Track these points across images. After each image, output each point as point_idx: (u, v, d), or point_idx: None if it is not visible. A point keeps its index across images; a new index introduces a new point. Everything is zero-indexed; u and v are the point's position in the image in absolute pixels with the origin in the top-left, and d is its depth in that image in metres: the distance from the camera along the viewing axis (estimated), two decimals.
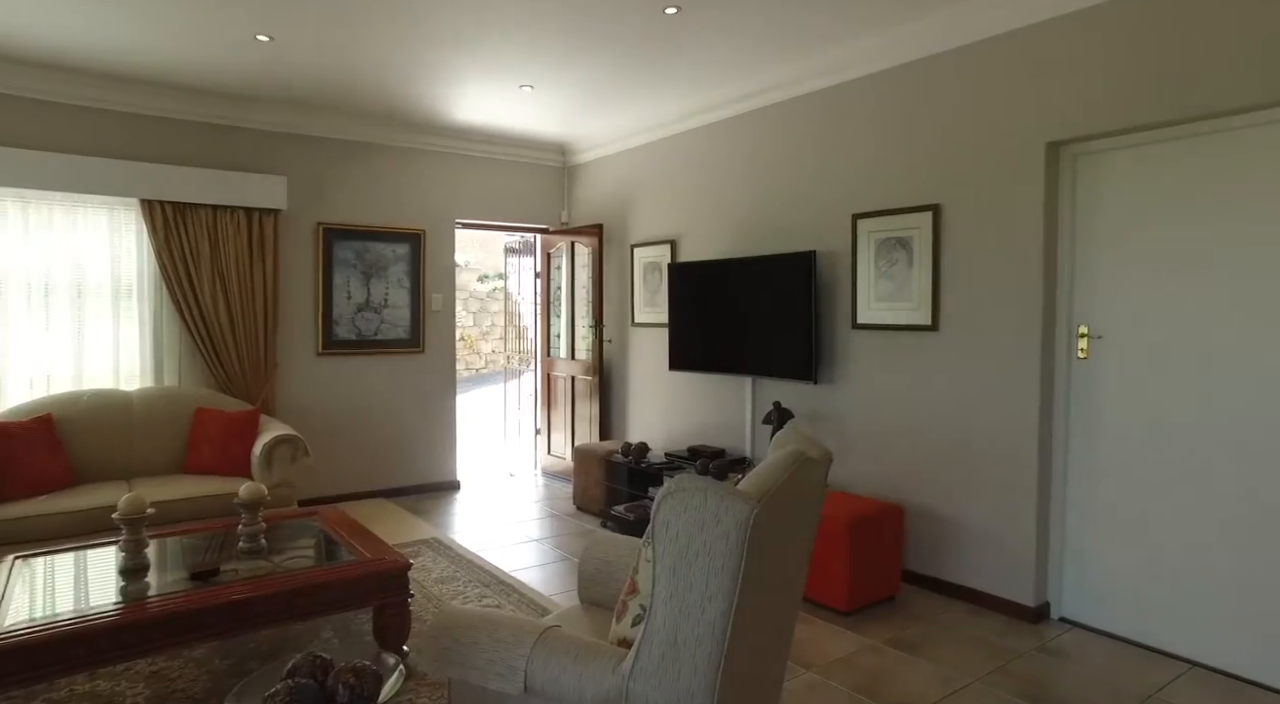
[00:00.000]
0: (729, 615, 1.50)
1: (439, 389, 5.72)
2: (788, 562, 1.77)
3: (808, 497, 1.81)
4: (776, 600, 1.78)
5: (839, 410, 4.00)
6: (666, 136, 5.18)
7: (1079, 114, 3.04)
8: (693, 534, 1.49)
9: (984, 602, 3.37)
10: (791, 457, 1.70)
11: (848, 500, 3.51)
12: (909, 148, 3.64)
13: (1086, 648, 2.99)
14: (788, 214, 4.29)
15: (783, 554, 1.72)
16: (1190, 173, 2.85)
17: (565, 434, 6.12)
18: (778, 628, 1.86)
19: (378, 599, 2.59)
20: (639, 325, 5.49)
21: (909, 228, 3.62)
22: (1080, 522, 3.19)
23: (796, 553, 1.83)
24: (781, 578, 1.76)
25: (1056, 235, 3.21)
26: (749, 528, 1.47)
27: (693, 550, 1.49)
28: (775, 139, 4.36)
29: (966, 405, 3.43)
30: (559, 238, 6.18)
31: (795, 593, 1.92)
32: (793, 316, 4.03)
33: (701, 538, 1.48)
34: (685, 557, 1.50)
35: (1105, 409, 3.11)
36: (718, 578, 1.48)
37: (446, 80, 4.39)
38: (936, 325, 3.52)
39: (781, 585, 1.78)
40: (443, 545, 4.26)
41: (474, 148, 5.78)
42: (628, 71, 4.22)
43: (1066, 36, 3.06)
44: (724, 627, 1.50)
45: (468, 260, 13.22)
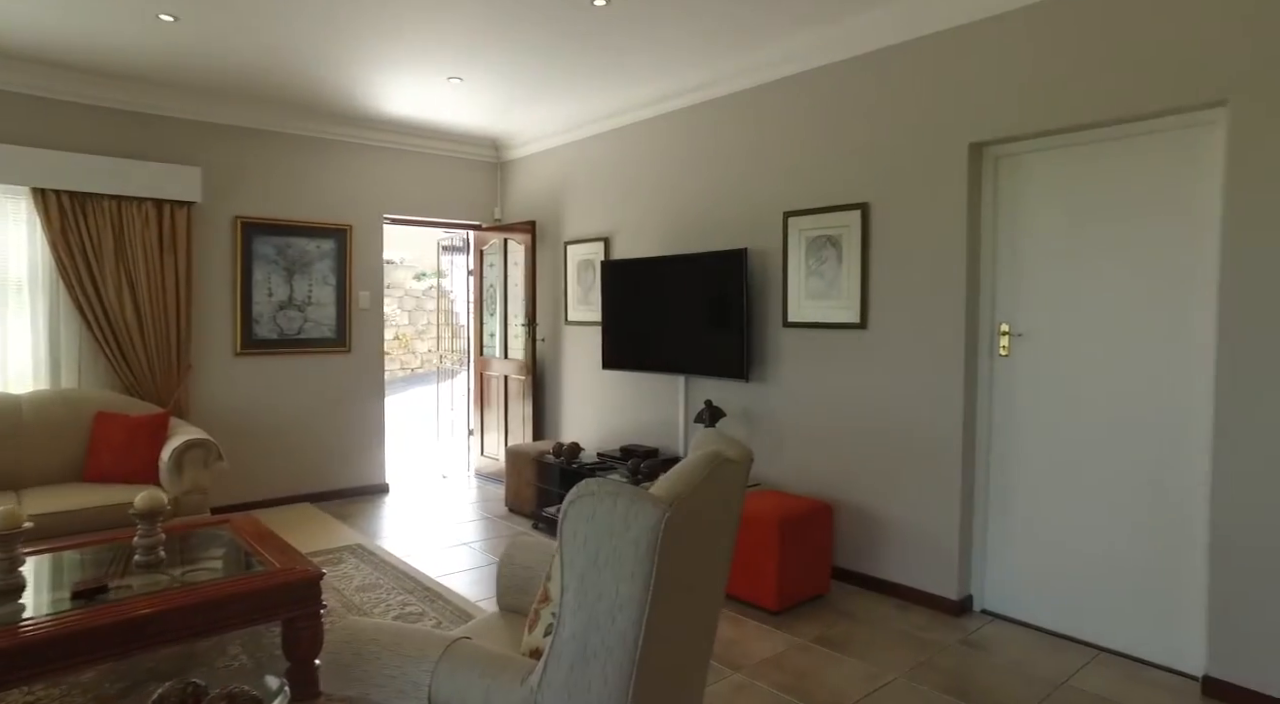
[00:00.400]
0: (640, 624, 1.44)
1: (367, 389, 5.53)
2: (705, 565, 1.73)
3: (726, 498, 1.78)
4: (695, 605, 1.73)
5: (771, 409, 4.00)
6: (600, 132, 5.12)
7: (999, 116, 3.09)
8: (601, 541, 1.43)
9: (910, 597, 3.42)
10: (708, 458, 1.65)
11: (779, 499, 3.51)
12: (839, 146, 3.67)
13: (1005, 639, 3.05)
14: (720, 211, 4.27)
15: (700, 557, 1.67)
16: (1100, 176, 2.93)
17: (499, 435, 6.00)
18: (697, 632, 1.82)
19: (287, 612, 2.45)
20: (573, 324, 5.41)
21: (838, 226, 3.64)
22: (1001, 516, 3.26)
23: (715, 555, 1.79)
24: (699, 582, 1.71)
25: (979, 235, 3.26)
26: (660, 533, 1.41)
27: (602, 558, 1.43)
28: (708, 136, 4.34)
29: (894, 403, 3.47)
30: (492, 234, 6.05)
31: (715, 596, 1.88)
32: (725, 315, 4.01)
33: (610, 544, 1.42)
34: (594, 564, 1.44)
35: (1025, 406, 3.18)
36: (628, 585, 1.42)
37: (371, 70, 4.22)
38: (865, 323, 3.55)
39: (700, 589, 1.73)
40: (367, 551, 4.10)
41: (404, 141, 5.61)
42: (559, 66, 4.14)
43: (987, 40, 3.12)
44: (635, 635, 1.44)
45: (403, 257, 12.90)
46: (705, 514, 1.65)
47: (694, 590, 1.70)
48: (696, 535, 1.62)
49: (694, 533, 1.60)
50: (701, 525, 1.64)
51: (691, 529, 1.56)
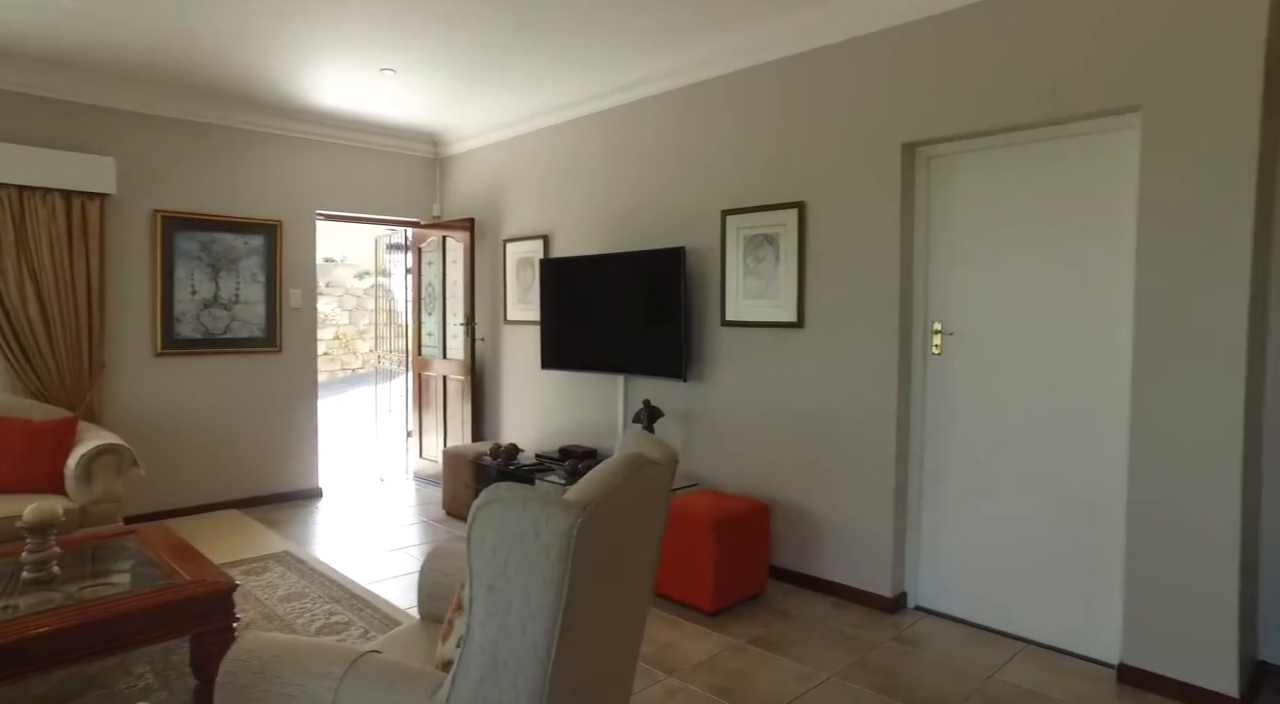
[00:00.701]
0: (554, 633, 1.38)
1: (299, 391, 5.33)
2: (628, 569, 1.68)
3: (649, 500, 1.73)
4: (617, 609, 1.68)
5: (709, 408, 3.99)
6: (539, 129, 5.03)
7: (930, 117, 3.13)
8: (511, 548, 1.37)
9: (846, 595, 3.43)
10: (627, 460, 1.61)
11: (715, 499, 3.49)
12: (776, 145, 3.66)
13: (937, 634, 3.09)
14: (660, 209, 4.24)
15: (621, 561, 1.63)
16: (1027, 177, 2.99)
17: (438, 436, 5.87)
18: (622, 638, 1.77)
19: (195, 627, 2.31)
20: (512, 323, 5.31)
21: (776, 225, 3.64)
22: (934, 513, 3.30)
23: (639, 559, 1.75)
24: (621, 586, 1.67)
25: (913, 234, 3.30)
26: (572, 539, 1.36)
27: (511, 566, 1.37)
28: (647, 133, 4.30)
29: (831, 402, 3.48)
30: (430, 232, 5.91)
31: (641, 599, 1.84)
32: (663, 314, 3.98)
33: (520, 552, 1.36)
34: (504, 573, 1.37)
35: (956, 404, 3.22)
36: (539, 594, 1.36)
37: (298, 60, 4.06)
38: (802, 322, 3.56)
39: (622, 593, 1.68)
40: (295, 559, 3.94)
41: (338, 135, 5.42)
42: (496, 60, 4.04)
43: (919, 41, 3.15)
44: (548, 645, 1.39)
45: (344, 256, 12.55)
46: (625, 517, 1.60)
47: (615, 595, 1.65)
48: (616, 539, 1.57)
49: (613, 537, 1.55)
50: (621, 529, 1.59)
51: (609, 533, 1.51)
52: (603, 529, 1.47)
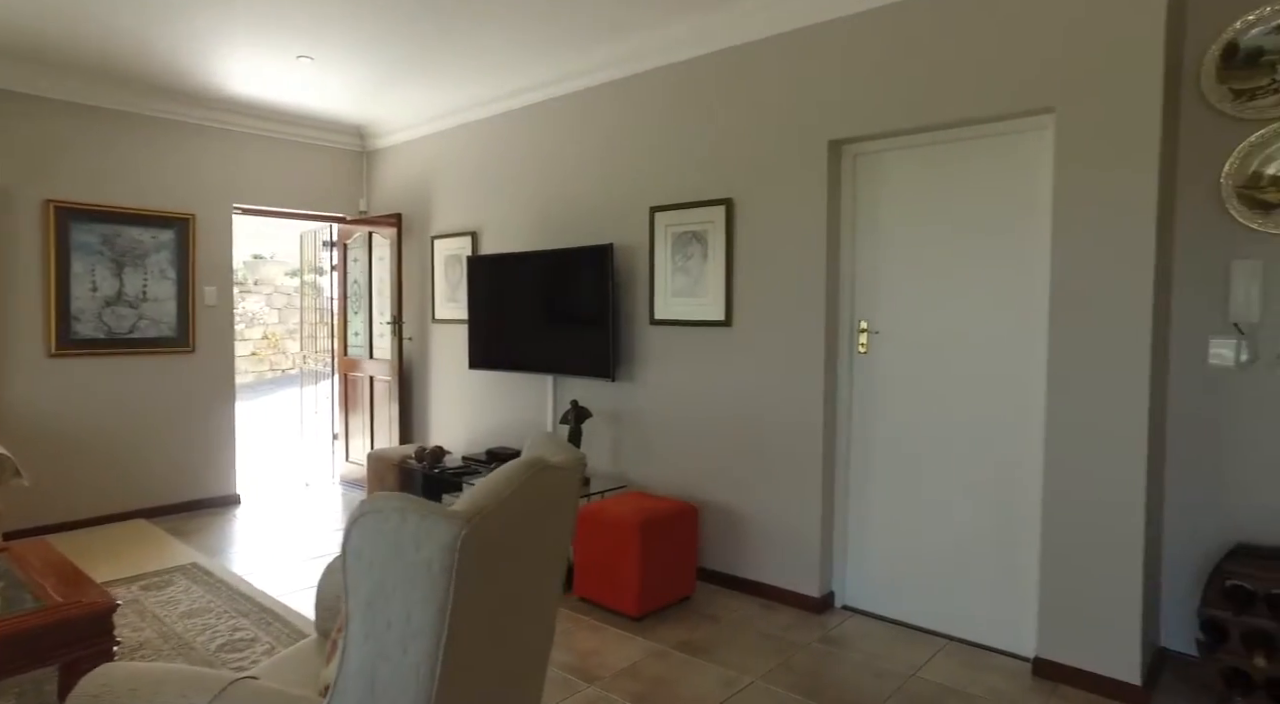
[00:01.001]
0: (437, 655, 1.28)
1: (214, 392, 5.06)
2: (528, 579, 1.59)
3: (551, 505, 1.64)
4: (516, 622, 1.59)
5: (638, 408, 3.92)
6: (468, 122, 4.89)
7: (855, 114, 3.12)
8: (389, 563, 1.26)
9: (774, 595, 3.41)
10: (523, 466, 1.51)
11: (643, 501, 3.42)
12: (704, 141, 3.62)
13: (863, 634, 3.08)
14: (589, 205, 4.15)
15: (518, 571, 1.53)
16: (948, 175, 3.00)
17: (365, 439, 5.66)
18: (522, 652, 1.68)
19: (66, 654, 2.12)
20: (440, 322, 5.15)
21: (704, 222, 3.59)
22: (860, 512, 3.30)
23: (541, 567, 1.66)
24: (520, 598, 1.57)
25: (839, 232, 3.29)
26: (456, 553, 1.26)
27: (390, 582, 1.27)
28: (577, 127, 4.21)
29: (759, 402, 3.45)
30: (356, 228, 5.69)
31: (545, 609, 1.75)
32: (591, 312, 3.89)
33: (399, 567, 1.26)
34: (382, 590, 1.27)
35: (882, 403, 3.23)
36: (421, 612, 1.26)
37: (208, 42, 3.83)
38: (730, 321, 3.52)
39: (522, 605, 1.59)
40: (202, 571, 3.72)
41: (257, 125, 5.17)
42: (422, 51, 3.89)
43: (844, 38, 3.14)
44: (432, 667, 1.29)
45: (274, 252, 12.09)
46: (522, 525, 1.51)
47: (514, 606, 1.55)
48: (511, 548, 1.48)
49: (507, 547, 1.45)
50: (518, 537, 1.50)
51: (502, 543, 1.42)
52: (494, 539, 1.38)
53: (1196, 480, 2.71)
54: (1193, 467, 2.72)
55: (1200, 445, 2.70)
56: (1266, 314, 2.56)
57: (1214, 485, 2.68)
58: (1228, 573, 2.46)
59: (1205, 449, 2.69)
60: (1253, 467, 2.60)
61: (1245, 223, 2.56)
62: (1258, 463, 2.59)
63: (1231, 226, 2.60)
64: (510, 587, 1.52)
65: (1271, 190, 2.51)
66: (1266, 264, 2.55)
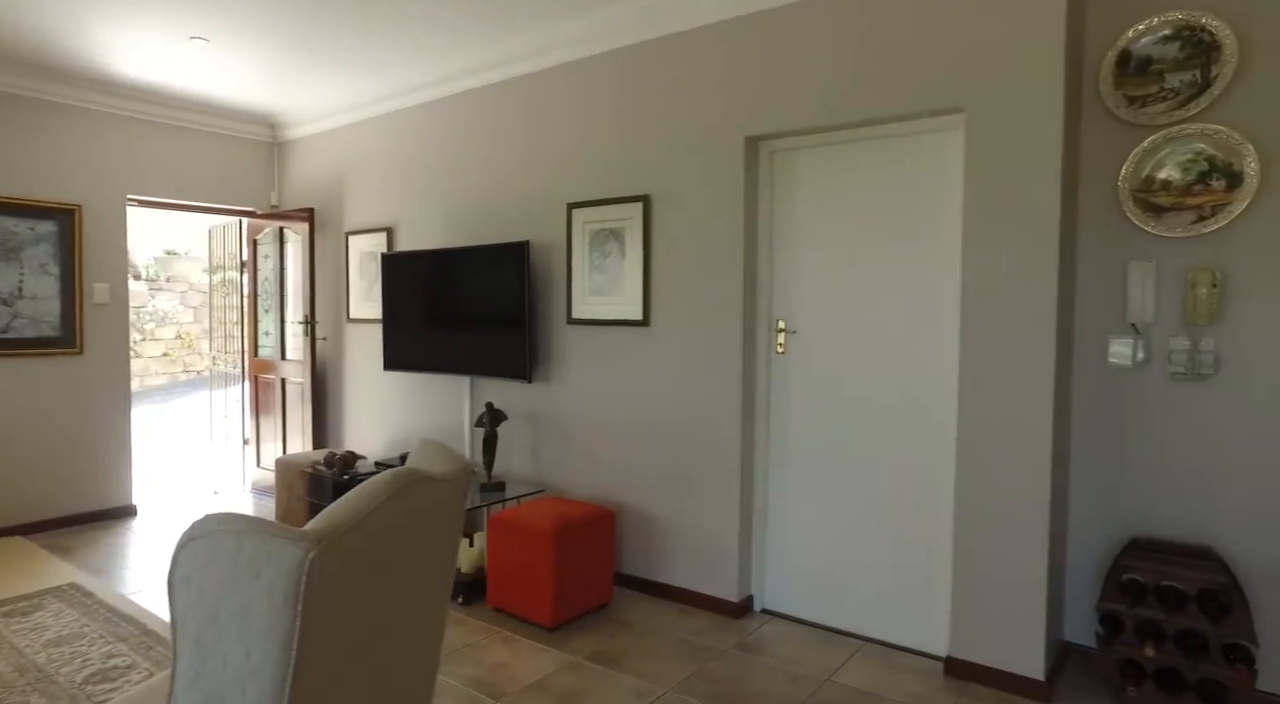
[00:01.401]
0: (283, 693, 1.16)
1: (107, 397, 4.73)
2: (403, 600, 1.47)
3: (429, 519, 1.53)
4: (389, 648, 1.47)
5: (556, 410, 3.81)
6: (382, 114, 4.69)
7: (770, 110, 3.08)
8: (224, 593, 1.13)
9: (694, 601, 3.35)
10: (392, 479, 1.40)
11: (558, 507, 3.32)
12: (621, 136, 3.54)
13: (780, 638, 3.05)
14: (507, 202, 4.02)
15: (390, 593, 1.42)
16: (863, 174, 3.00)
17: (278, 444, 5.39)
18: (400, 677, 1.56)
19: None
20: (356, 321, 4.94)
21: (621, 219, 3.51)
22: (779, 514, 3.27)
23: (419, 586, 1.54)
24: (393, 620, 1.46)
25: (756, 230, 3.25)
26: (303, 579, 1.14)
27: (225, 614, 1.14)
28: (494, 121, 4.07)
29: (677, 403, 3.39)
30: (266, 222, 5.41)
31: (426, 630, 1.63)
32: (507, 311, 3.77)
33: (236, 597, 1.13)
34: (215, 622, 1.14)
35: (799, 403, 3.20)
36: (262, 646, 1.14)
37: (84, 17, 3.55)
38: (648, 320, 3.44)
39: (394, 629, 1.47)
40: (81, 592, 3.44)
41: (154, 112, 4.85)
42: (326, 36, 3.69)
43: (760, 32, 3.10)
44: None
45: (188, 248, 11.50)
46: (393, 542, 1.39)
47: (385, 631, 1.44)
48: (379, 569, 1.36)
49: (374, 567, 1.34)
50: (388, 555, 1.39)
51: (367, 564, 1.30)
52: (354, 560, 1.26)
53: (1099, 478, 2.77)
54: (1096, 464, 2.77)
55: (1102, 444, 2.76)
56: (1160, 314, 2.62)
57: (1114, 482, 2.74)
58: (1124, 567, 2.51)
59: (1106, 447, 2.75)
60: (1148, 463, 2.67)
61: (1140, 225, 2.62)
62: (1152, 459, 2.66)
63: (1129, 229, 2.66)
64: (380, 609, 1.40)
65: (1162, 194, 2.57)
66: (1159, 266, 2.61)
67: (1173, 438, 2.62)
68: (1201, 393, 2.57)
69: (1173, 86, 2.54)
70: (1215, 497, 2.55)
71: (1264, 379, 2.46)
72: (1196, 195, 2.52)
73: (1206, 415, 2.56)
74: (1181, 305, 2.58)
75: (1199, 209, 2.52)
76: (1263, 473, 2.47)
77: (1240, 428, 2.50)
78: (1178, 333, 2.59)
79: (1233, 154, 2.45)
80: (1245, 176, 2.43)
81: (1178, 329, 2.59)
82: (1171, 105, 2.54)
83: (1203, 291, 2.51)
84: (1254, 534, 2.49)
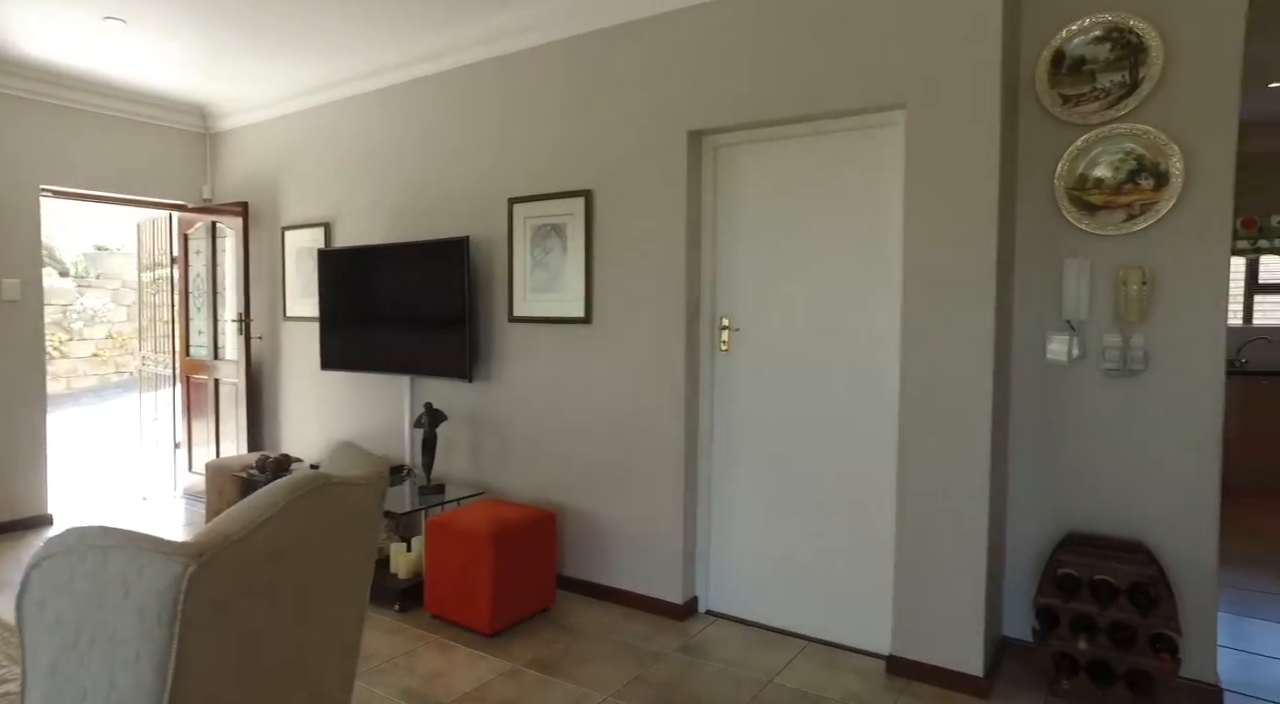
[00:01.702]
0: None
1: (17, 399, 4.46)
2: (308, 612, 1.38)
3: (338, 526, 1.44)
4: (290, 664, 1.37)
5: (498, 410, 3.72)
6: (320, 105, 4.52)
7: (714, 105, 3.04)
8: (85, 616, 1.03)
9: (638, 603, 3.29)
10: (294, 485, 1.30)
11: (498, 509, 3.23)
12: (563, 129, 3.45)
13: (724, 640, 3.01)
14: (447, 197, 3.91)
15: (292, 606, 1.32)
16: (807, 169, 2.97)
17: (211, 447, 5.17)
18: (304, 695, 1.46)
19: None
20: (293, 319, 4.76)
21: (563, 214, 3.43)
22: (723, 513, 3.23)
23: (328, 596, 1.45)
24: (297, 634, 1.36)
25: (700, 225, 3.20)
26: (180, 595, 1.04)
27: (86, 639, 1.03)
28: (434, 114, 3.95)
29: (620, 402, 3.33)
30: (198, 216, 5.18)
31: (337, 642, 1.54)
32: (447, 309, 3.66)
33: (100, 619, 1.03)
34: (74, 650, 1.03)
35: (744, 401, 3.17)
36: (130, 674, 1.04)
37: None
38: (590, 318, 3.37)
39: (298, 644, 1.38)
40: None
41: (72, 97, 4.59)
42: (255, 19, 3.52)
43: (703, 24, 3.05)
44: None
45: (120, 244, 11.02)
46: (294, 553, 1.30)
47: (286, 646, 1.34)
48: (277, 582, 1.26)
49: (272, 580, 1.24)
50: (289, 567, 1.29)
51: (263, 576, 1.21)
52: (246, 573, 1.17)
53: (1037, 473, 2.79)
54: (1034, 460, 2.79)
55: (1040, 440, 2.78)
56: (1094, 312, 2.65)
57: (1052, 477, 2.76)
58: (1059, 562, 2.53)
59: (1045, 443, 2.77)
60: (1083, 458, 2.70)
61: (1075, 223, 2.65)
62: (1087, 454, 2.69)
63: (1064, 226, 2.68)
64: (280, 624, 1.30)
65: (1095, 192, 2.60)
66: (1094, 263, 2.64)
67: (1106, 433, 2.65)
68: (1132, 389, 2.60)
69: (1104, 86, 2.56)
70: (1144, 490, 2.59)
71: (1187, 376, 2.51)
72: (1127, 194, 2.55)
73: (1137, 411, 2.60)
74: (1114, 302, 2.61)
75: (1129, 207, 2.55)
76: (1186, 467, 2.51)
77: (1166, 423, 2.54)
78: (1111, 330, 2.62)
79: (1160, 154, 2.49)
80: (1171, 176, 2.47)
81: (1111, 326, 2.63)
82: (1103, 105, 2.57)
83: (1133, 289, 2.54)
84: (1178, 526, 2.53)
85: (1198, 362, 2.49)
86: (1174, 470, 2.54)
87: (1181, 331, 2.51)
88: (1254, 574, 3.74)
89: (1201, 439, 2.49)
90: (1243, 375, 5.35)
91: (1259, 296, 5.87)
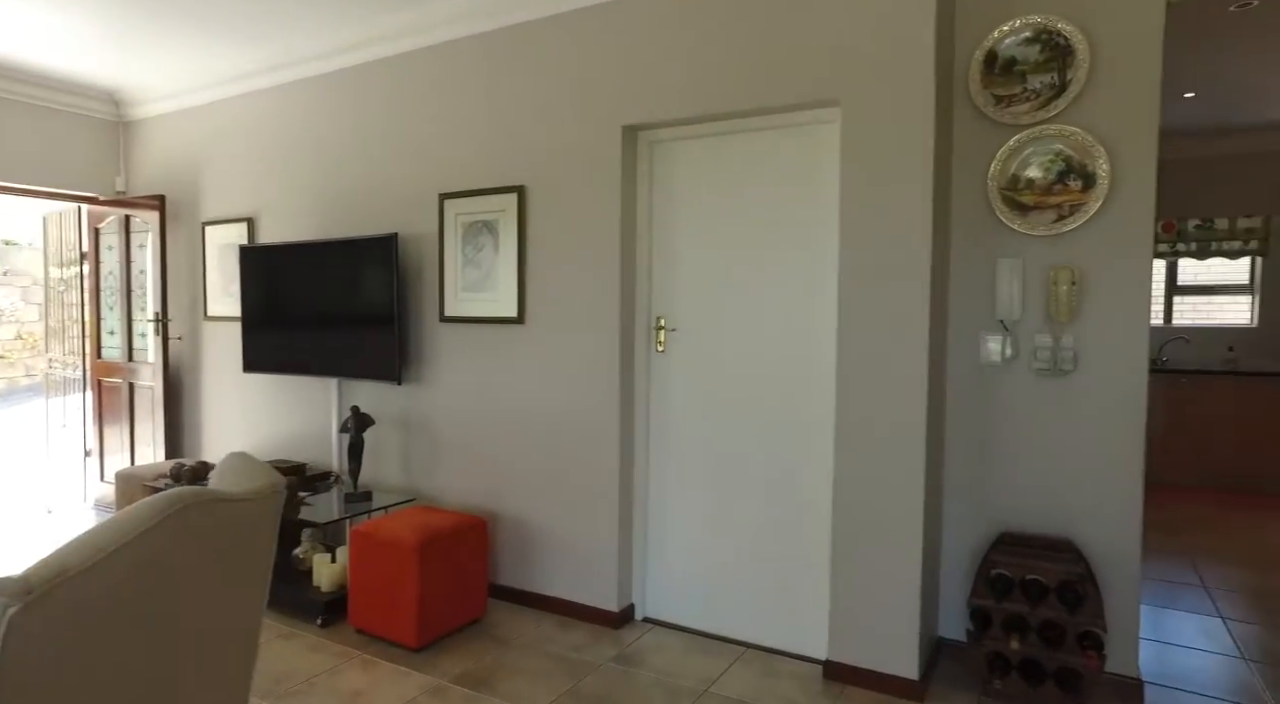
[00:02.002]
0: None
1: None
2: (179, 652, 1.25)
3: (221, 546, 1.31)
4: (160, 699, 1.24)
5: (428, 414, 3.58)
6: (242, 93, 4.30)
7: (649, 99, 2.97)
8: None
9: (572, 611, 3.20)
10: (162, 504, 1.17)
11: (426, 517, 3.09)
12: (495, 122, 3.34)
13: (660, 648, 2.94)
14: (376, 192, 3.74)
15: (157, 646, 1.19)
16: (744, 167, 2.92)
17: (126, 455, 4.88)
18: None
19: None
20: (214, 319, 4.52)
21: (495, 211, 3.31)
22: (659, 518, 3.16)
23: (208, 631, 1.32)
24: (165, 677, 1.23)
25: (635, 223, 3.13)
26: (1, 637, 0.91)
27: None
28: (362, 105, 3.79)
29: (553, 405, 3.23)
30: (110, 210, 4.89)
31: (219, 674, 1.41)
32: (376, 309, 3.50)
33: None
34: None
35: (680, 404, 3.10)
36: None
37: None
38: (523, 318, 3.27)
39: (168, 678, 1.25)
40: None
41: None
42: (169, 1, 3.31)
43: (636, 18, 2.98)
44: None
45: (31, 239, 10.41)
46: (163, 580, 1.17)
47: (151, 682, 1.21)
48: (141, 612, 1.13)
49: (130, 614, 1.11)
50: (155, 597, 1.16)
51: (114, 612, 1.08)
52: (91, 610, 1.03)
53: (972, 473, 2.80)
54: (969, 460, 2.80)
55: (974, 440, 2.79)
56: (1026, 312, 2.67)
57: (986, 477, 2.77)
58: (992, 562, 2.53)
59: (978, 444, 2.78)
60: (1016, 457, 2.71)
61: (1008, 223, 2.66)
62: (1019, 453, 2.70)
63: (998, 226, 2.69)
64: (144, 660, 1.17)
65: (1027, 193, 2.61)
66: (1026, 264, 2.65)
67: (1037, 433, 2.67)
68: (1062, 388, 2.62)
69: (1034, 87, 2.58)
70: (1073, 488, 2.62)
71: (1113, 375, 2.54)
72: (1057, 195, 2.57)
73: (1066, 410, 2.62)
74: (1045, 303, 2.62)
75: (1059, 208, 2.57)
76: (1110, 465, 2.54)
77: (1094, 422, 2.57)
78: (1042, 330, 2.64)
79: (1087, 155, 2.51)
80: (1098, 178, 2.50)
81: (1042, 326, 2.64)
82: (1034, 106, 2.58)
83: (1063, 289, 2.56)
84: (1105, 523, 2.56)
85: (1123, 361, 2.53)
86: (1101, 468, 2.57)
87: (1108, 331, 2.54)
88: (1172, 566, 3.85)
89: (1126, 437, 2.52)
90: (1164, 373, 5.54)
91: (1178, 298, 6.11)
